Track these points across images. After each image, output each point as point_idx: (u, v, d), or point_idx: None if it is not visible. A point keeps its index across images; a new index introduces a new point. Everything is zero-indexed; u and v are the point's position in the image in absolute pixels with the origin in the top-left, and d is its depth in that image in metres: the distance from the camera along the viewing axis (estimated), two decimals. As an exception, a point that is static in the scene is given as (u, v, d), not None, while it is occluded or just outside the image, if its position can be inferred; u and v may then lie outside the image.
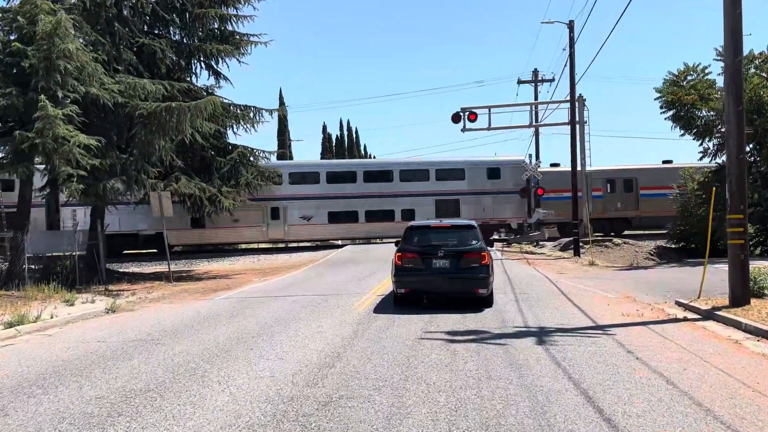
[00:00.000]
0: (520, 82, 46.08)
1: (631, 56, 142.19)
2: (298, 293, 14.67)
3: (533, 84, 45.85)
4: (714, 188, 21.01)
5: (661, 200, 32.44)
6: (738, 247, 11.29)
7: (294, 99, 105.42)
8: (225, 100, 23.14)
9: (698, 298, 12.42)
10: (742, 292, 11.13)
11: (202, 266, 27.46)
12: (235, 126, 22.73)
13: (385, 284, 15.33)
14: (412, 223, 12.73)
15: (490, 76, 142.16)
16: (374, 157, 62.67)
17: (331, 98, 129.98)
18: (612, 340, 8.52)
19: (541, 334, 8.86)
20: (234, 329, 9.84)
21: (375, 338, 8.61)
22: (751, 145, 22.72)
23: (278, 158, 50.96)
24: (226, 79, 23.19)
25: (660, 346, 8.14)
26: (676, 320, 10.43)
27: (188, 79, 21.58)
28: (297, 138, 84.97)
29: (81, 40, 18.72)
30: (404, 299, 11.79)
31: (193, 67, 22.79)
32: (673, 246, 28.00)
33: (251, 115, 23.00)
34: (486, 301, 11.65)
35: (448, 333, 8.97)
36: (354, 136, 72.57)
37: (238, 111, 22.88)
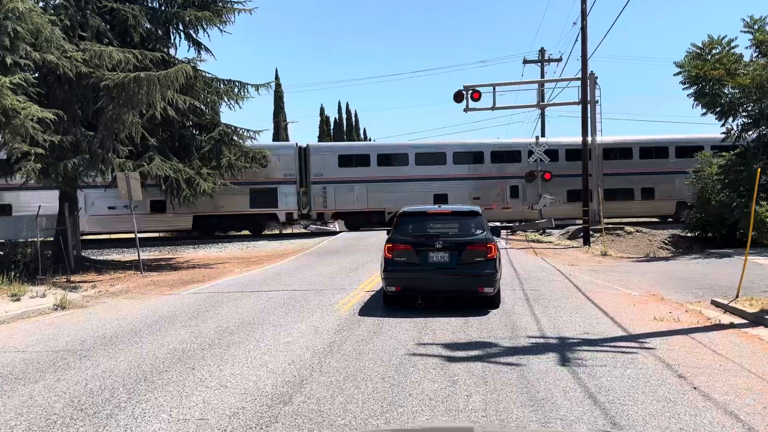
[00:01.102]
0: (526, 61, 44.09)
1: (646, 35, 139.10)
2: (277, 288, 12.89)
3: (540, 64, 43.87)
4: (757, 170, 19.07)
5: None
6: (792, 239, 9.45)
7: (291, 80, 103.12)
8: (207, 74, 21.27)
9: (737, 297, 10.65)
10: (797, 292, 9.34)
11: (186, 253, 25.72)
12: (217, 102, 20.80)
13: (376, 278, 13.54)
14: (405, 208, 10.87)
15: (494, 56, 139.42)
16: (373, 141, 60.64)
17: (329, 78, 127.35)
18: (653, 357, 6.74)
19: (563, 349, 7.07)
20: (186, 336, 8.07)
21: (354, 354, 6.81)
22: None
23: (274, 140, 49.23)
24: (207, 50, 21.26)
25: (715, 366, 6.36)
26: (720, 327, 8.65)
27: (164, 49, 19.63)
28: (294, 120, 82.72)
29: (40, 3, 16.84)
30: (395, 299, 10.01)
31: (172, 37, 20.84)
32: (689, 235, 26.18)
33: (236, 90, 21.09)
34: (492, 302, 9.87)
35: (446, 346, 7.17)
36: (353, 119, 70.53)
37: (221, 86, 20.96)
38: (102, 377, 6.11)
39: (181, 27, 20.47)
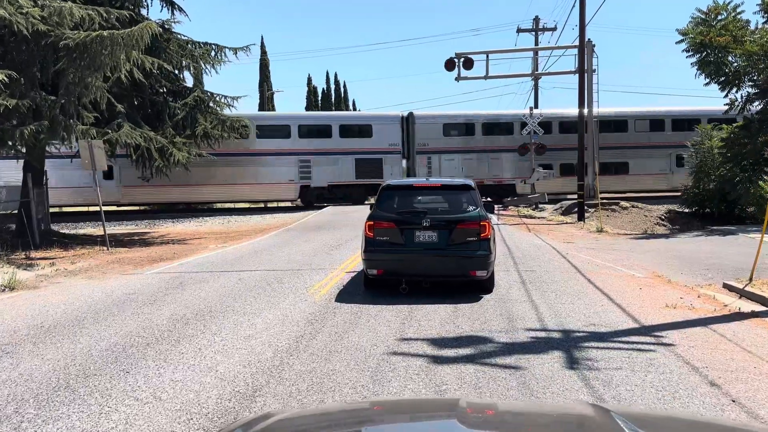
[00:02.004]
0: (519, 30, 42.60)
1: (644, 4, 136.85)
2: (250, 267, 11.81)
3: (533, 33, 42.44)
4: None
5: None
6: (819, 218, 8.47)
7: (277, 49, 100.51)
8: (182, 37, 19.88)
9: (751, 280, 9.71)
10: (823, 277, 8.39)
11: (163, 227, 24.55)
12: (192, 66, 19.45)
13: (359, 256, 12.39)
14: (389, 181, 9.75)
15: (487, 24, 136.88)
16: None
17: (316, 46, 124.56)
18: (674, 356, 5.75)
19: (569, 345, 6.07)
20: (133, 327, 6.99)
21: (323, 353, 5.77)
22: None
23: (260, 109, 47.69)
24: (182, 11, 19.83)
25: (750, 369, 5.39)
26: (741, 315, 7.71)
27: (134, 8, 18.20)
28: (280, 89, 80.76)
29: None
30: (377, 282, 8.97)
31: (143, -4, 19.39)
32: (686, 210, 25.30)
33: (212, 54, 19.72)
34: (485, 286, 8.84)
35: (433, 342, 6.15)
36: (342, 89, 68.78)
37: (197, 49, 19.58)
38: (15, 383, 5.04)
39: (152, -16, 19.05)
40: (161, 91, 19.99)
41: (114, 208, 30.63)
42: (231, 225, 24.08)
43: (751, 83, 19.73)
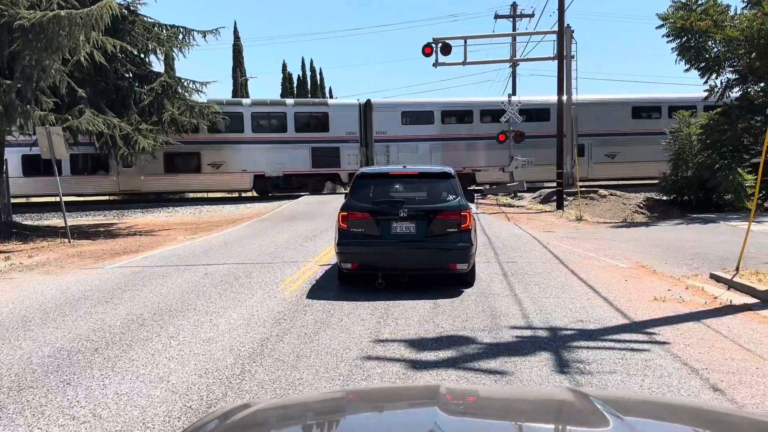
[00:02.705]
0: (497, 16, 42.09)
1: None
2: (218, 260, 11.20)
3: (511, 19, 41.96)
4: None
5: None
6: (811, 206, 8.12)
7: (252, 34, 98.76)
8: (149, 19, 19.03)
9: (737, 270, 9.39)
10: (815, 267, 8.07)
11: (132, 218, 23.71)
12: (159, 49, 18.63)
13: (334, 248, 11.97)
14: (364, 169, 9.19)
15: (464, 10, 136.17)
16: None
17: (291, 32, 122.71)
18: (670, 356, 5.33)
19: (557, 345, 5.62)
20: (84, 330, 6.38)
21: (290, 358, 5.23)
22: (762, 84, 19.67)
23: (233, 95, 46.55)
24: (147, -9, 18.93)
25: (752, 369, 5.00)
26: (733, 308, 7.35)
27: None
28: (253, 75, 79.39)
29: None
30: (351, 277, 8.44)
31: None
32: (664, 198, 25.16)
33: (180, 36, 18.92)
34: (466, 280, 8.36)
35: (411, 344, 5.65)
36: (318, 77, 67.79)
37: (164, 32, 18.76)
38: (-63, 399, 4.43)
39: (116, -37, 18.12)
40: (127, 75, 19.17)
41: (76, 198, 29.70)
42: (203, 215, 23.34)
43: (731, 69, 19.52)
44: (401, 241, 8.02)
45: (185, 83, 19.13)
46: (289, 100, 32.67)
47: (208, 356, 5.30)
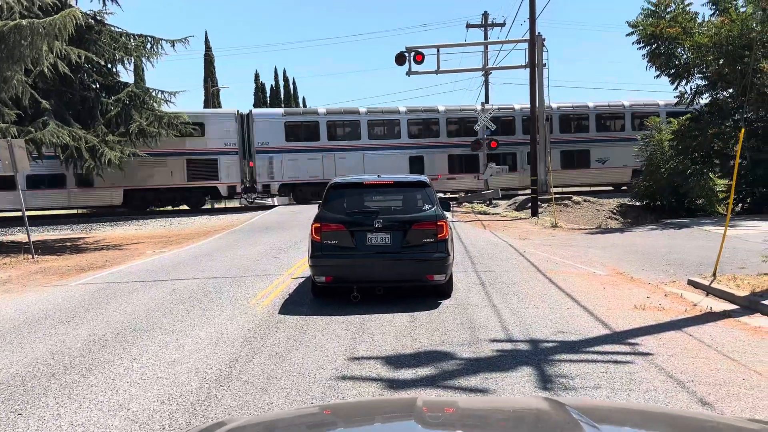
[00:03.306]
0: (469, 26, 42.24)
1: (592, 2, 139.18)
2: (188, 275, 10.83)
3: (483, 28, 42.20)
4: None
5: None
6: (786, 211, 8.10)
7: (224, 44, 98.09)
8: (116, 29, 18.60)
9: (715, 276, 9.33)
10: (792, 271, 8.04)
11: (101, 232, 23.10)
12: (127, 59, 18.20)
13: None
14: (337, 179, 8.95)
15: (436, 20, 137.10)
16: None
17: (264, 42, 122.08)
18: (655, 368, 5.18)
19: (539, 359, 5.43)
20: (41, 353, 6.01)
21: (260, 380, 4.96)
22: (731, 90, 19.92)
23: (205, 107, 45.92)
24: (114, 1, 18.52)
25: (738, 381, 4.86)
26: (713, 316, 7.27)
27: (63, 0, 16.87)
28: (225, 85, 78.58)
29: None
30: (326, 290, 8.18)
31: (71, -15, 18.03)
32: (637, 204, 25.35)
33: (148, 46, 18.52)
34: (443, 291, 8.16)
35: (388, 361, 5.41)
36: (291, 86, 67.43)
37: (131, 41, 18.35)
38: None
39: (80, -28, 17.71)
40: (93, 86, 18.68)
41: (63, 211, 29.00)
42: (173, 228, 22.83)
43: (700, 75, 19.73)
44: (377, 253, 7.78)
45: (154, 93, 18.71)
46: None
47: (173, 380, 4.99)
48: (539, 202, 24.08)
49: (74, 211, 30.32)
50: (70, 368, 5.47)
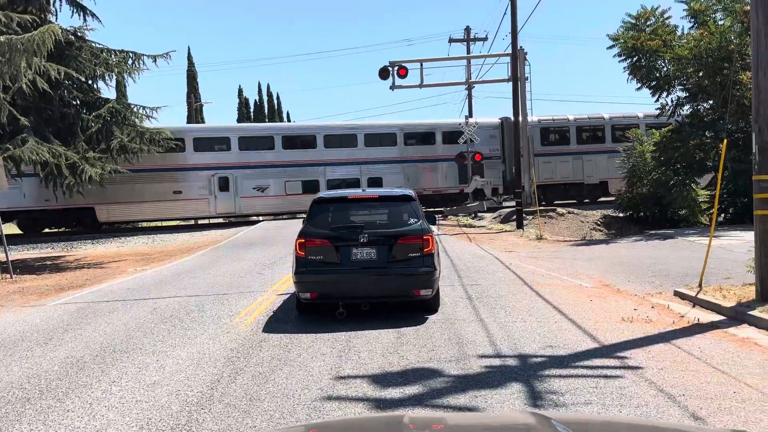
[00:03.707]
0: (451, 40, 42.53)
1: (573, 15, 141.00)
2: (169, 293, 10.63)
3: (465, 43, 42.48)
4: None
5: None
6: (771, 220, 8.13)
7: (207, 59, 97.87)
8: (97, 45, 18.42)
9: (701, 287, 9.33)
10: (777, 281, 8.04)
11: (82, 250, 22.74)
12: (108, 75, 18.02)
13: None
14: (321, 194, 8.83)
15: (419, 35, 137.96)
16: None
17: (248, 57, 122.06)
18: (645, 383, 5.10)
19: (528, 375, 5.33)
20: (16, 376, 5.81)
21: (244, 401, 4.81)
22: (711, 102, 20.16)
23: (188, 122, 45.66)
24: (94, 16, 18.38)
25: (729, 394, 4.80)
26: (701, 327, 7.24)
27: (40, 14, 16.69)
28: (208, 101, 78.30)
29: None
30: (311, 307, 8.05)
31: (51, 1, 17.88)
32: (621, 215, 25.48)
33: (130, 62, 18.36)
34: (430, 306, 8.06)
35: (375, 380, 5.29)
36: (275, 101, 67.35)
37: (113, 57, 18.17)
38: None
39: (59, -13, 17.57)
40: (73, 102, 18.45)
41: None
42: (156, 245, 22.54)
43: (681, 87, 19.96)
44: (362, 268, 7.67)
45: (135, 109, 18.51)
46: None
47: (152, 403, 4.83)
48: (524, 215, 24.14)
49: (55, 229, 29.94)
50: (46, 392, 5.29)
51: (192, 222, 31.92)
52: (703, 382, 5.12)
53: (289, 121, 66.48)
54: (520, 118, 24.73)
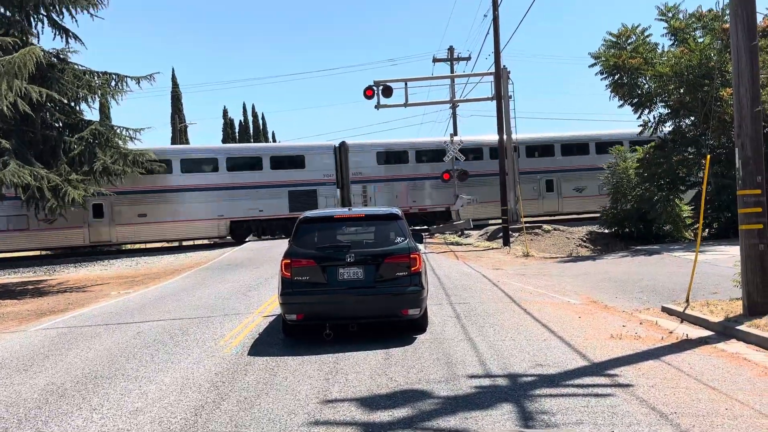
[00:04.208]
0: (435, 60, 42.85)
1: (556, 34, 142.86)
2: (153, 317, 10.45)
3: (449, 62, 42.80)
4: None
5: None
6: (755, 234, 8.16)
7: (191, 80, 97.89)
8: (79, 67, 18.32)
9: (688, 302, 9.34)
10: (764, 296, 8.05)
11: (65, 274, 22.41)
12: (90, 97, 17.90)
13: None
14: (307, 213, 8.76)
15: (402, 54, 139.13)
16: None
17: (231, 78, 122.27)
18: (636, 401, 5.05)
19: (519, 395, 5.26)
20: (-7, 407, 5.65)
21: (229, 428, 4.68)
22: (693, 118, 20.41)
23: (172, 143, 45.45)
24: (77, 39, 18.29)
25: (721, 411, 4.76)
26: (690, 343, 7.23)
27: (23, 37, 16.58)
28: (193, 122, 78.05)
29: None
30: (297, 328, 7.93)
31: (33, 23, 17.78)
32: (606, 231, 25.60)
33: (113, 83, 18.27)
34: (418, 326, 7.98)
35: (363, 403, 5.18)
36: (260, 121, 67.39)
37: (95, 79, 18.07)
38: None
39: (42, 11, 17.48)
40: (56, 125, 18.30)
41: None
42: (140, 267, 22.27)
43: (662, 104, 20.19)
44: (349, 288, 7.58)
45: (119, 131, 18.38)
46: None
47: (134, 431, 4.69)
48: (510, 232, 24.17)
49: (37, 253, 29.56)
50: (24, 421, 5.13)
51: (176, 243, 31.64)
52: (695, 399, 5.08)
53: (274, 140, 66.51)
54: (504, 136, 24.87)
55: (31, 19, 17.71)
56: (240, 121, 63.83)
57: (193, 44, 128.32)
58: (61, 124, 18.46)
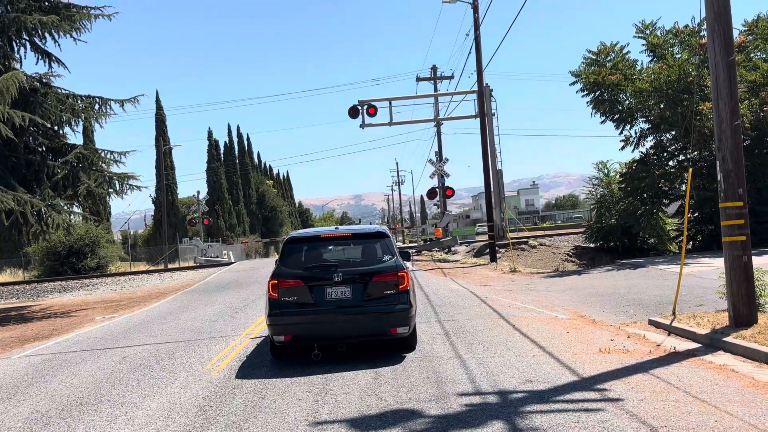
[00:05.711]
0: (419, 79, 43.28)
1: (537, 53, 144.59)
2: (138, 341, 10.33)
3: (432, 81, 43.22)
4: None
5: None
6: (738, 246, 8.24)
7: (176, 103, 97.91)
8: (63, 90, 18.26)
9: (674, 315, 9.40)
10: (748, 307, 8.13)
11: (48, 299, 22.14)
12: (74, 121, 17.82)
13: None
14: (294, 233, 8.73)
15: (386, 74, 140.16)
16: (268, 165, 57.73)
17: (215, 99, 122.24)
18: (627, 416, 5.05)
19: (510, 412, 5.24)
20: (-25, 437, 5.54)
21: (217, 453, 4.63)
22: (674, 132, 20.71)
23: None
24: (60, 63, 18.27)
25: (710, 424, 4.77)
26: (678, 356, 7.24)
27: (5, 62, 16.52)
28: (177, 144, 77.83)
29: None
30: (286, 350, 7.87)
31: (15, 48, 17.72)
32: (591, 245, 25.78)
33: (96, 107, 18.21)
34: (407, 344, 7.95)
35: (353, 425, 5.13)
36: (246, 142, 67.34)
37: (79, 102, 18.01)
38: None
39: (25, 36, 17.44)
40: (39, 149, 18.18)
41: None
42: (125, 291, 22.04)
43: (643, 119, 20.47)
44: (337, 308, 7.54)
45: (103, 154, 18.29)
46: None
47: (121, 459, 4.62)
48: (497, 248, 24.26)
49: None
50: (6, 452, 5.03)
51: (162, 266, 31.40)
52: (684, 411, 5.09)
53: (260, 161, 66.45)
54: (489, 153, 25.05)
55: (14, 44, 17.68)
56: (225, 142, 63.85)
57: (176, 67, 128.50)
58: (44, 149, 18.35)
